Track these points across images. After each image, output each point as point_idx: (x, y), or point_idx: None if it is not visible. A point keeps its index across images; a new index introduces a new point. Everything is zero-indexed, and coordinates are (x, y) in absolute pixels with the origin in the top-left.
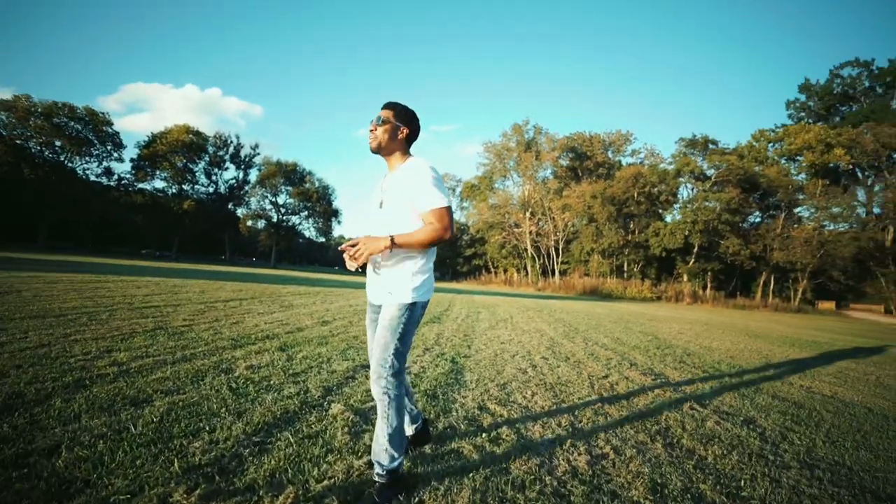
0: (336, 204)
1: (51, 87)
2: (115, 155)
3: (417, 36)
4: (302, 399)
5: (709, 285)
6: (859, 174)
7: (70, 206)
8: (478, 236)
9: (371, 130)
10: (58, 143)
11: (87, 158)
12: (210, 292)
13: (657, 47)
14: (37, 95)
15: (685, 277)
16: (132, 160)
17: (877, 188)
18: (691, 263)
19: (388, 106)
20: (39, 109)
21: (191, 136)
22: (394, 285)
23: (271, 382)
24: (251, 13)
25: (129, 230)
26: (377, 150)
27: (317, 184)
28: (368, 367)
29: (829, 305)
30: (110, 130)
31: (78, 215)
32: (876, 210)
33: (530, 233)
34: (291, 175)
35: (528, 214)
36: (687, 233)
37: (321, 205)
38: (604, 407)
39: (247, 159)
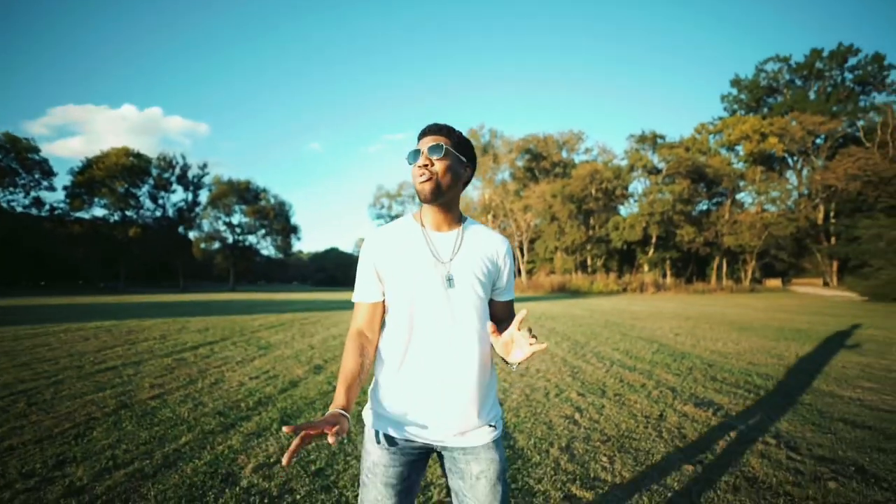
0: (294, 220)
1: None
2: (45, 184)
3: (365, 44)
4: None
5: (668, 273)
6: (789, 160)
7: None
8: None
9: (422, 166)
10: None
11: (10, 189)
12: (172, 336)
13: (597, 46)
14: None
15: (646, 267)
16: (65, 188)
17: (805, 172)
18: (651, 254)
19: (440, 130)
20: None
21: (131, 158)
22: (492, 409)
23: (297, 497)
24: (188, 26)
25: (70, 263)
26: (434, 198)
27: (272, 201)
28: None
29: (776, 283)
30: (37, 157)
31: (5, 252)
32: (805, 192)
33: None
34: (245, 194)
35: (490, 217)
36: (645, 225)
37: (278, 222)
38: (698, 470)
39: (195, 180)
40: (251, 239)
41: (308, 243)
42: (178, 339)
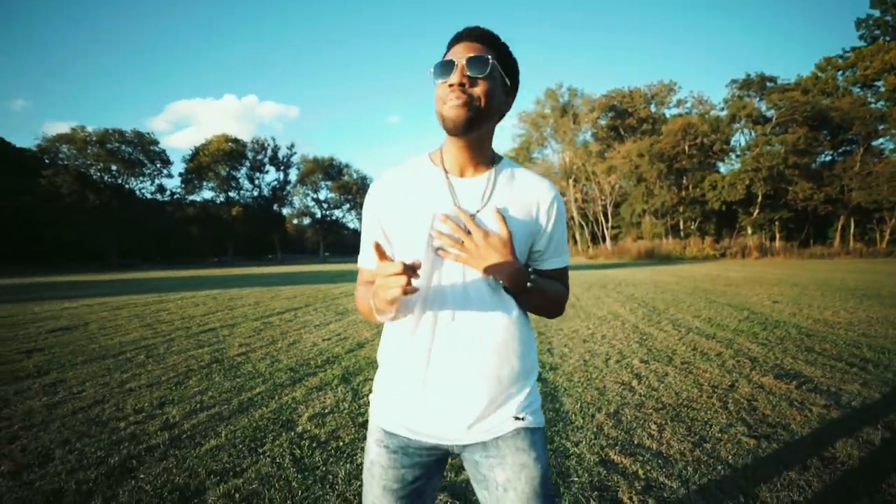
0: None
1: (104, 116)
2: (165, 172)
3: (437, 7)
4: None
5: (777, 236)
6: None
7: (132, 224)
8: None
9: (457, 85)
10: (114, 168)
11: (140, 178)
12: (265, 303)
13: None
14: (91, 125)
15: (749, 230)
16: (180, 174)
17: None
18: (755, 214)
19: (482, 37)
20: (94, 138)
21: (230, 144)
22: (519, 397)
23: (341, 443)
24: (280, 16)
25: (187, 241)
26: (467, 130)
27: (354, 175)
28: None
29: None
30: (157, 149)
31: (140, 233)
32: None
33: (576, 200)
34: (329, 170)
35: (571, 182)
36: (749, 182)
37: (361, 196)
38: (762, 445)
39: (285, 160)
40: (337, 213)
41: None
42: (269, 306)
